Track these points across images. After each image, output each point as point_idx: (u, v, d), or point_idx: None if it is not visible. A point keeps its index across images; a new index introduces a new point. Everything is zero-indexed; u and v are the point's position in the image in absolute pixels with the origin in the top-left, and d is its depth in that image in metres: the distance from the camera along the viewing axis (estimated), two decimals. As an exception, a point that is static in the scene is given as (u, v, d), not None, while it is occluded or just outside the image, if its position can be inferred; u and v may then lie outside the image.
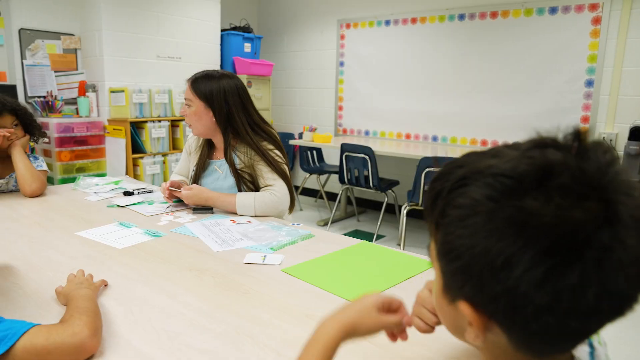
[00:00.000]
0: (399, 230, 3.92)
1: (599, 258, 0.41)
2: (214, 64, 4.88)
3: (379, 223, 4.20)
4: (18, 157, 2.06)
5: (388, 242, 4.18)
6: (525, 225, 0.42)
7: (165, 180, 4.13)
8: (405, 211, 3.77)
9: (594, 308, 0.42)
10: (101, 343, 0.91)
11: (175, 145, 4.42)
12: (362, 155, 4.00)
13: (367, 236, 4.27)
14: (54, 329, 0.86)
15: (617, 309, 0.44)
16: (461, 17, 4.35)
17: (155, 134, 4.14)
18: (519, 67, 4.10)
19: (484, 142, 4.39)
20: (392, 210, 4.75)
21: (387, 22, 4.85)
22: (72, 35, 4.25)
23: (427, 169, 3.56)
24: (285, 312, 1.07)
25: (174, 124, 4.38)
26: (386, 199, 4.24)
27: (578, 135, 0.45)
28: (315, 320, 1.03)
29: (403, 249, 2.52)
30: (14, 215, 1.82)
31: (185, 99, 1.91)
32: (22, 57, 3.99)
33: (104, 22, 4.05)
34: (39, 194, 2.10)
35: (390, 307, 0.74)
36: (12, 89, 3.80)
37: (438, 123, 4.66)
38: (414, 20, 4.65)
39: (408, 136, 4.89)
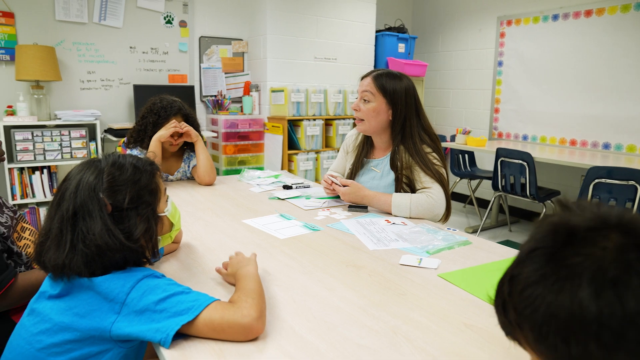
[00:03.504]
0: (559, 245, 3.56)
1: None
2: (368, 65, 4.95)
3: (534, 235, 3.87)
4: (201, 150, 2.31)
5: (544, 256, 3.83)
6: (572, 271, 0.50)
7: (317, 177, 4.33)
8: (567, 224, 3.42)
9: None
10: (267, 325, 0.97)
11: (327, 143, 4.58)
12: (520, 162, 3.73)
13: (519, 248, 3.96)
14: (227, 308, 0.93)
15: None
16: (650, 7, 3.80)
17: (309, 131, 4.34)
18: None
19: (671, 152, 3.79)
20: (550, 223, 4.34)
21: (555, 17, 4.44)
22: (241, 40, 4.66)
23: (596, 180, 3.19)
24: (442, 318, 1.03)
25: (328, 123, 4.54)
26: (544, 210, 3.89)
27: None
28: (473, 330, 0.98)
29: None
30: (192, 200, 2.05)
31: (362, 92, 1.90)
32: (200, 61, 4.49)
33: (268, 27, 4.36)
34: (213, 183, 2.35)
35: None
36: (190, 90, 4.30)
37: (612, 129, 4.13)
38: (588, 13, 4.19)
39: (573, 142, 4.43)
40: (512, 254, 1.44)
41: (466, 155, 4.96)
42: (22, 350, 0.93)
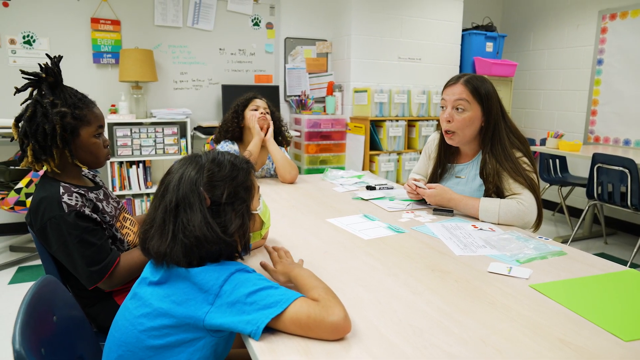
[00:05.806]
0: (663, 261, 3.26)
1: None
2: (453, 65, 4.82)
3: (635, 249, 3.57)
4: (274, 148, 2.37)
5: (645, 272, 3.52)
6: None
7: (398, 178, 4.28)
8: (674, 239, 3.12)
9: None
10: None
11: (410, 145, 4.52)
12: (620, 169, 3.45)
13: (618, 263, 3.67)
14: (313, 306, 0.94)
15: None
16: None
17: (392, 132, 4.30)
18: None
19: None
20: (653, 236, 3.99)
21: (668, 11, 4.05)
22: (325, 40, 4.71)
23: None
24: (535, 332, 0.98)
25: (411, 124, 4.48)
26: (647, 222, 3.58)
27: None
28: (571, 347, 0.92)
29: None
30: (277, 197, 2.10)
31: (456, 100, 1.76)
32: (285, 61, 4.60)
33: (353, 27, 4.37)
34: (295, 181, 2.39)
35: None
36: (275, 90, 4.42)
37: None
38: None
39: (684, 148, 4.02)
40: (611, 268, 1.34)
41: (557, 160, 4.68)
42: (126, 330, 1.01)
